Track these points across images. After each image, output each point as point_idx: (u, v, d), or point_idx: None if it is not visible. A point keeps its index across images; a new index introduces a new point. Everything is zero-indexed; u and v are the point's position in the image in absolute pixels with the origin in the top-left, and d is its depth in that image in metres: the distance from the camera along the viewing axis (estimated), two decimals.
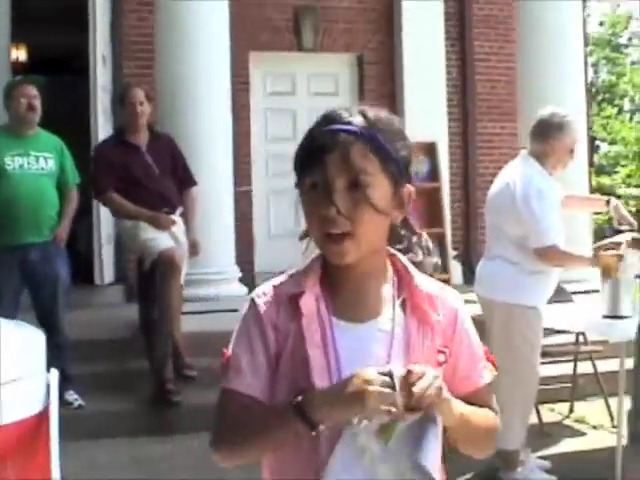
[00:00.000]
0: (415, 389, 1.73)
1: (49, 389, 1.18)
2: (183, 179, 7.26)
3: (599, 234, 12.08)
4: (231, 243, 8.46)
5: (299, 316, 1.92)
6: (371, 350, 1.90)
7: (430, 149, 7.38)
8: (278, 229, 11.46)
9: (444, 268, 7.38)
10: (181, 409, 6.70)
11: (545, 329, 5.43)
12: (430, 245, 2.17)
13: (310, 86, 11.67)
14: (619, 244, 5.07)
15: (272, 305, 1.96)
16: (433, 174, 7.31)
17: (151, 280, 6.86)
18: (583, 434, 6.60)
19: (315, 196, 1.87)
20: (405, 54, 11.46)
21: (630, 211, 5.87)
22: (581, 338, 6.98)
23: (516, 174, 5.21)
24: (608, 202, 5.59)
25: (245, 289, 8.35)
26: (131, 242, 7.14)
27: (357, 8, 11.68)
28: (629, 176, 15.30)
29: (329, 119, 1.91)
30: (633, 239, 5.04)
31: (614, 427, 6.57)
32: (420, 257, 2.10)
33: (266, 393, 1.92)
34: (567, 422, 6.86)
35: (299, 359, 1.89)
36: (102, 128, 9.46)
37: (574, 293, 6.96)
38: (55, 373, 1.16)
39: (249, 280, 9.07)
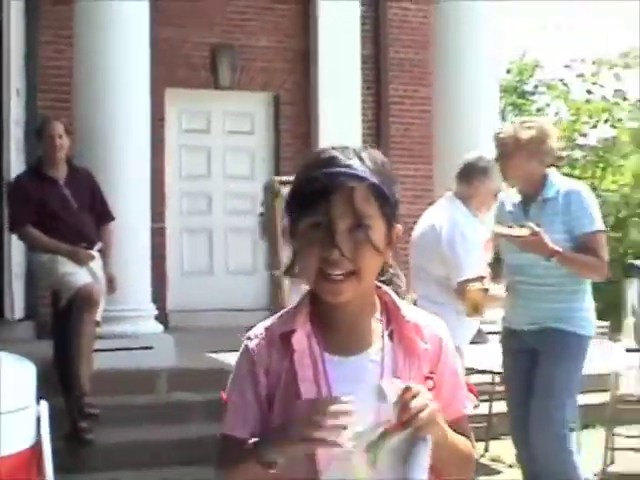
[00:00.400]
0: (412, 405, 1.81)
1: (39, 422, 1.14)
2: (101, 214, 7.21)
3: None
4: (147, 280, 8.36)
5: (291, 353, 1.97)
6: (363, 381, 1.95)
7: None
8: (191, 266, 11.41)
9: None
10: (94, 447, 6.60)
11: (466, 369, 5.48)
12: (401, 274, 2.23)
13: (225, 124, 11.68)
14: (483, 278, 5.23)
15: (264, 347, 2.02)
16: None
17: (67, 316, 6.75)
18: (499, 472, 6.67)
19: (316, 237, 1.90)
20: (321, 95, 11.52)
21: None
22: (497, 378, 7.05)
23: (442, 216, 5.30)
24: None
25: (161, 327, 8.27)
26: (48, 276, 7.02)
27: (275, 47, 11.74)
28: None
29: (327, 161, 1.93)
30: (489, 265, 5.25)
31: None
32: (404, 286, 2.15)
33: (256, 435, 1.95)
34: (483, 461, 6.91)
35: (292, 396, 1.94)
36: (15, 162, 9.30)
37: (489, 333, 7.05)
38: (45, 405, 1.11)
39: (162, 318, 8.99)
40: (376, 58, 12.22)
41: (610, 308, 13.73)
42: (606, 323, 6.48)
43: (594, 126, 15.55)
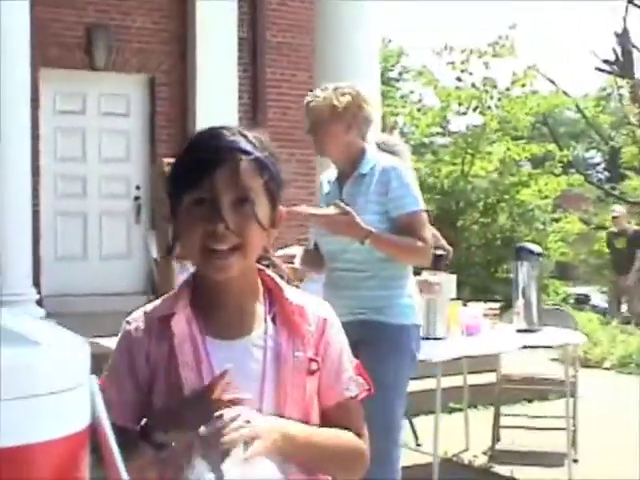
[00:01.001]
0: (224, 433, 1.76)
1: (93, 402, 1.10)
2: None
3: None
4: (28, 264, 8.18)
5: (171, 338, 1.94)
6: (245, 366, 1.93)
7: None
8: (66, 250, 11.18)
9: None
10: None
11: None
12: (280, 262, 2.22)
13: (101, 106, 11.45)
14: (293, 257, 4.74)
15: (143, 331, 1.98)
16: None
17: None
18: None
19: (200, 212, 1.87)
20: (198, 77, 11.42)
21: None
22: None
23: None
24: None
25: (43, 311, 8.09)
26: None
27: (151, 29, 11.58)
28: None
29: (211, 137, 1.92)
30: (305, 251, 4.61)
31: (418, 445, 6.78)
32: (283, 271, 2.14)
33: (138, 420, 1.90)
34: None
35: (173, 380, 1.91)
36: None
37: None
38: (95, 380, 1.08)
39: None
40: (253, 41, 12.18)
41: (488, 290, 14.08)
42: (496, 305, 6.64)
43: (464, 113, 15.84)
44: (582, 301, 19.73)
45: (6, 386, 0.98)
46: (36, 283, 9.76)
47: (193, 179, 1.87)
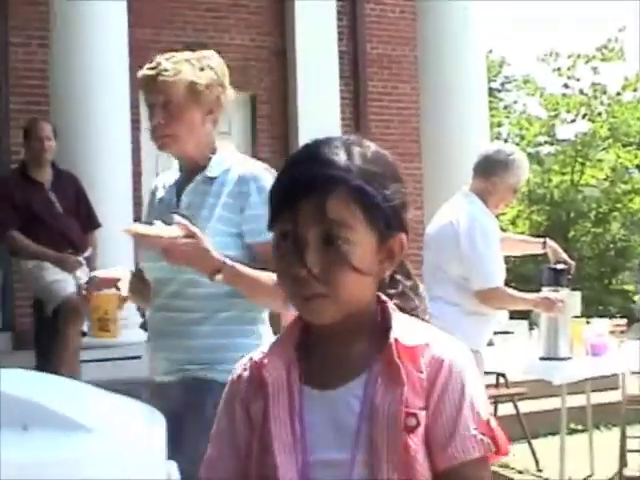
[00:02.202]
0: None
1: None
2: (87, 220, 6.96)
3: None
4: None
5: (266, 387, 1.66)
6: (341, 420, 1.62)
7: None
8: None
9: None
10: None
11: None
12: (423, 292, 1.83)
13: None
14: (117, 280, 4.04)
15: (245, 380, 1.72)
16: None
17: (52, 326, 6.48)
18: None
19: (285, 249, 1.59)
20: (299, 93, 11.26)
21: None
22: (501, 379, 6.85)
23: (460, 212, 5.01)
24: (544, 244, 5.48)
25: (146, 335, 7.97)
26: (33, 284, 6.76)
27: (250, 46, 11.45)
28: (516, 217, 15.45)
29: (305, 156, 1.62)
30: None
31: (539, 471, 6.48)
32: (417, 303, 1.77)
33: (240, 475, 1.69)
34: (492, 469, 6.68)
35: (266, 436, 1.64)
36: None
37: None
38: (174, 466, 0.84)
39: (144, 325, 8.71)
40: (354, 54, 11.99)
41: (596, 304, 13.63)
42: (623, 321, 6.28)
43: (572, 120, 15.42)
44: None
45: None
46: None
47: (277, 208, 1.60)
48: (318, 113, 11.07)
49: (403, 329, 1.64)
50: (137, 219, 9.51)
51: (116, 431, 0.73)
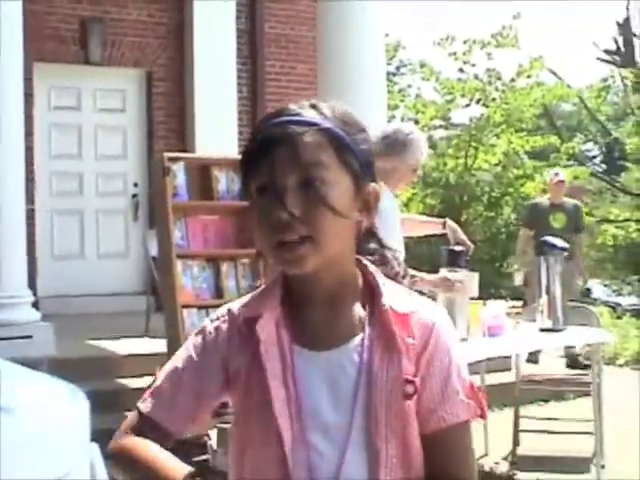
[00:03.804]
0: None
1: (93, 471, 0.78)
2: None
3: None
4: (23, 265, 7.87)
5: (257, 343, 1.65)
6: (336, 384, 1.64)
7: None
8: (62, 250, 10.89)
9: None
10: None
11: None
12: (400, 256, 1.86)
13: (97, 101, 11.16)
14: None
15: (225, 333, 1.71)
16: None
17: None
18: None
19: (264, 201, 1.60)
20: (195, 71, 11.12)
21: None
22: None
23: None
24: (444, 224, 5.49)
25: (38, 314, 7.80)
26: None
27: (147, 22, 11.27)
28: (410, 200, 15.54)
29: (275, 114, 1.64)
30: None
31: None
32: (397, 269, 1.79)
33: (184, 429, 1.76)
34: None
35: (257, 390, 1.65)
36: None
37: None
38: (96, 448, 0.79)
39: (34, 304, 8.52)
40: (252, 33, 11.89)
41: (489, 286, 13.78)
42: (519, 303, 6.35)
43: (467, 105, 15.58)
44: (584, 294, 19.48)
45: None
46: (32, 284, 9.48)
47: (253, 165, 1.62)
48: (215, 91, 10.98)
49: (392, 296, 1.68)
50: (29, 195, 9.31)
51: (39, 412, 0.66)
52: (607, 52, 22.24)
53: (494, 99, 15.46)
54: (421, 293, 3.79)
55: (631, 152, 21.45)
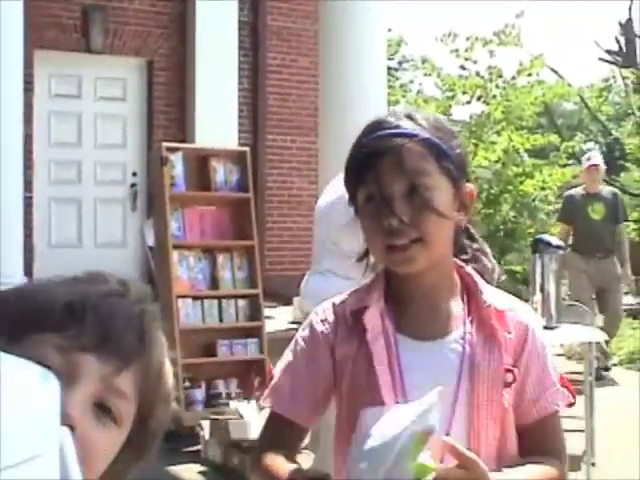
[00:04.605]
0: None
1: (64, 464, 0.77)
2: None
3: None
4: (20, 253, 7.89)
5: (362, 333, 1.81)
6: (439, 372, 1.78)
7: (240, 158, 7.06)
8: (59, 238, 10.90)
9: (253, 283, 7.07)
10: None
11: None
12: (489, 251, 1.99)
13: (97, 90, 11.16)
14: None
15: (331, 324, 1.88)
16: (243, 184, 6.99)
17: None
18: None
19: (373, 209, 1.75)
20: (197, 61, 11.11)
21: None
22: None
23: None
24: None
25: None
26: None
27: (149, 11, 11.29)
28: None
29: (375, 127, 1.78)
30: None
31: None
32: (489, 265, 1.93)
33: (312, 418, 1.91)
34: None
35: (364, 376, 1.79)
36: None
37: None
38: (66, 431, 0.78)
39: None
40: (254, 25, 11.88)
41: None
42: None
43: (468, 102, 15.55)
44: None
45: None
46: (28, 272, 9.49)
47: (359, 176, 1.77)
48: (215, 82, 10.97)
49: (490, 294, 1.84)
50: (27, 183, 9.31)
51: (9, 395, 0.65)
52: (609, 52, 22.20)
53: (495, 96, 15.42)
54: None
55: (631, 152, 21.43)
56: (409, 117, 1.78)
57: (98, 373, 1.10)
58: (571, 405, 1.93)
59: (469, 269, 1.88)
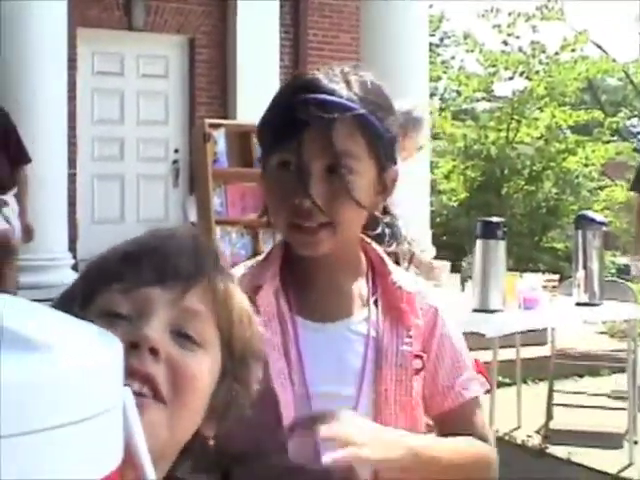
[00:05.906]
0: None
1: (127, 422, 0.78)
2: (16, 155, 6.53)
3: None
4: (64, 228, 7.97)
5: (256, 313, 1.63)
6: (341, 355, 1.62)
7: None
8: (102, 214, 10.99)
9: None
10: None
11: None
12: (403, 231, 1.85)
13: (139, 67, 11.21)
14: None
15: None
16: None
17: None
18: None
19: (285, 179, 1.54)
20: (238, 39, 11.12)
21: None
22: None
23: None
24: None
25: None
26: None
27: None
28: (450, 172, 15.47)
29: (306, 84, 1.56)
30: None
31: None
32: (394, 246, 1.77)
33: None
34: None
35: None
36: None
37: None
38: (129, 392, 0.79)
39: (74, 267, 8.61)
40: (295, 1, 11.86)
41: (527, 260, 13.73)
42: (555, 277, 6.31)
43: (510, 78, 15.46)
44: (623, 271, 19.31)
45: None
46: (72, 247, 9.57)
47: (278, 137, 1.55)
48: (257, 59, 10.96)
49: (398, 274, 1.68)
50: (71, 160, 9.37)
51: (75, 352, 0.67)
52: None
53: (537, 72, 15.32)
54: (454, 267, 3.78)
55: None
56: (346, 81, 1.56)
57: (166, 299, 1.12)
58: (488, 392, 1.81)
59: (376, 246, 1.70)
